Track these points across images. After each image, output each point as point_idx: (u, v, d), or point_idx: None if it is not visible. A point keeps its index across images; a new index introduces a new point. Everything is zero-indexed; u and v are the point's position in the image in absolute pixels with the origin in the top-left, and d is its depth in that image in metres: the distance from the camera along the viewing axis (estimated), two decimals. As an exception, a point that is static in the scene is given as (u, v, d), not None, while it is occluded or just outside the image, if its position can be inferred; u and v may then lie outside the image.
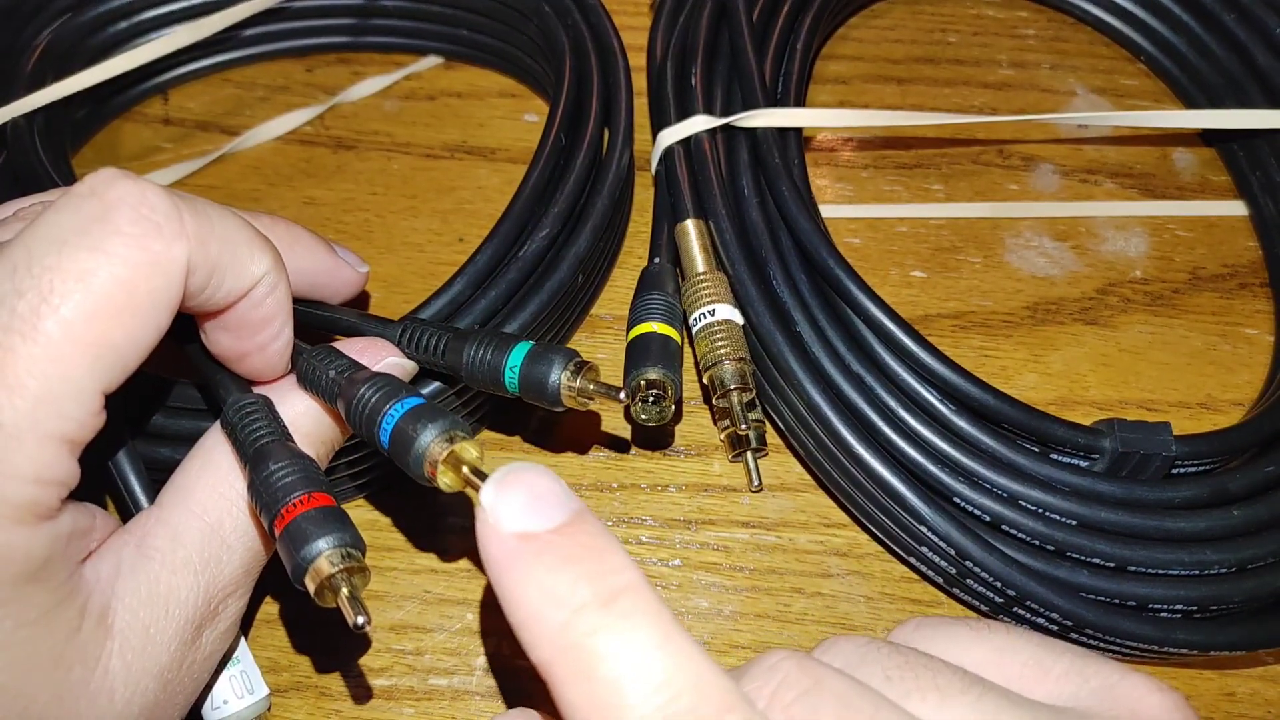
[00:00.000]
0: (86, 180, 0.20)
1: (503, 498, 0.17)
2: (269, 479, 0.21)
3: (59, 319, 0.18)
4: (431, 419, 0.21)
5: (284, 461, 0.21)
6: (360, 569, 0.20)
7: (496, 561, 0.16)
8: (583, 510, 0.17)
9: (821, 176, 0.43)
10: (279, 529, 0.20)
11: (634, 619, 0.16)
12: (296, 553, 0.20)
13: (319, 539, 0.20)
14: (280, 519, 0.20)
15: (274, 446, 0.22)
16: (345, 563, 0.20)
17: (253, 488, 0.21)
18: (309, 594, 0.20)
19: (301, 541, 0.20)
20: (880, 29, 0.49)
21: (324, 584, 0.19)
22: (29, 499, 0.19)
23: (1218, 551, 0.29)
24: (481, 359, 0.25)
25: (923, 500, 0.29)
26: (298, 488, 0.21)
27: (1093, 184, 0.43)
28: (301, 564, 0.20)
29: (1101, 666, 0.18)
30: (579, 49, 0.39)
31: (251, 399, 0.24)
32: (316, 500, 0.20)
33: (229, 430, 0.23)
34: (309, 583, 0.20)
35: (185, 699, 0.23)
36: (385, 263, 0.39)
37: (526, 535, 0.16)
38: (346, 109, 0.44)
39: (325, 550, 0.20)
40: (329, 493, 0.21)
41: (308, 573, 0.20)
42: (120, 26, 0.42)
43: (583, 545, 0.16)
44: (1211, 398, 0.37)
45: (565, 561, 0.16)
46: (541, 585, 0.16)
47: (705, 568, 0.32)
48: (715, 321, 0.32)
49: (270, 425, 0.23)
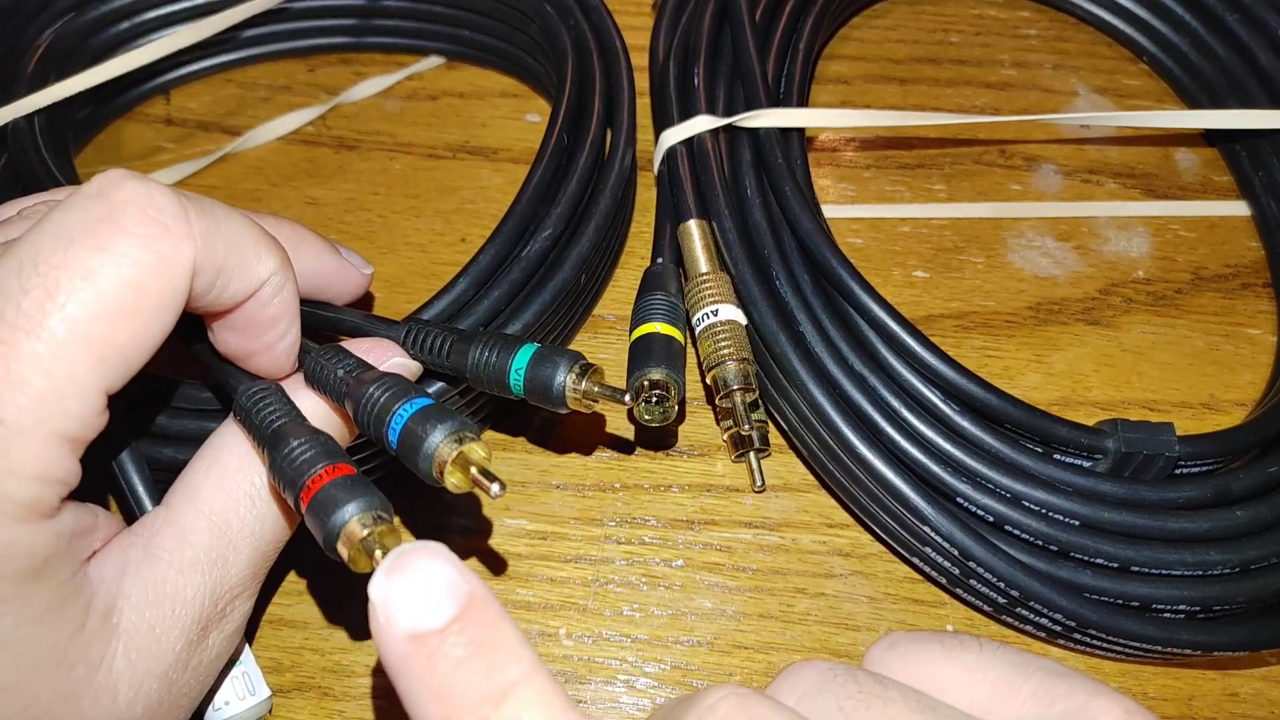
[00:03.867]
0: (94, 180, 0.20)
1: (392, 593, 0.17)
2: (289, 456, 0.21)
3: (64, 317, 0.18)
4: (440, 420, 0.21)
5: (302, 438, 0.21)
6: (392, 531, 0.20)
7: (391, 665, 0.17)
8: (474, 596, 0.17)
9: (824, 177, 0.43)
10: (305, 502, 0.20)
11: (525, 715, 0.16)
12: (327, 520, 0.19)
13: (347, 504, 0.20)
14: (306, 491, 0.20)
15: (290, 426, 0.22)
16: (376, 525, 0.19)
17: (274, 467, 0.21)
18: (343, 562, 0.19)
19: (331, 508, 0.20)
20: (882, 29, 0.49)
21: (356, 548, 0.19)
22: (30, 497, 0.19)
23: (1221, 552, 0.29)
24: (486, 361, 0.25)
25: (926, 500, 0.29)
26: (319, 460, 0.21)
27: (1095, 184, 0.43)
28: (333, 530, 0.19)
29: (1072, 686, 0.18)
30: (581, 49, 0.39)
31: (262, 384, 0.24)
32: (340, 470, 0.20)
33: (243, 417, 0.23)
34: (342, 549, 0.19)
35: (190, 700, 0.23)
36: (388, 263, 0.39)
37: (417, 637, 0.16)
38: (348, 109, 0.44)
39: (355, 514, 0.19)
40: (350, 463, 0.21)
41: (340, 538, 0.19)
42: (122, 27, 0.42)
43: (472, 641, 0.16)
44: (1214, 398, 0.37)
45: (455, 664, 0.16)
46: (435, 691, 0.16)
47: (708, 568, 0.32)
48: (718, 322, 0.32)
49: (284, 406, 0.23)
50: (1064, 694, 0.17)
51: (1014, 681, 0.18)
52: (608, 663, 0.31)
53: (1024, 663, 0.18)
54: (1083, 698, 0.17)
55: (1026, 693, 0.18)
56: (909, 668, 0.19)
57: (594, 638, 0.31)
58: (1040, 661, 0.18)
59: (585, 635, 0.31)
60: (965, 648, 0.19)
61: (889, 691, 0.17)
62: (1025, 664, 0.18)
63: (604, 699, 0.30)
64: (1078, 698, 0.17)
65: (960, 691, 0.18)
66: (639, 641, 0.31)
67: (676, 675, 0.30)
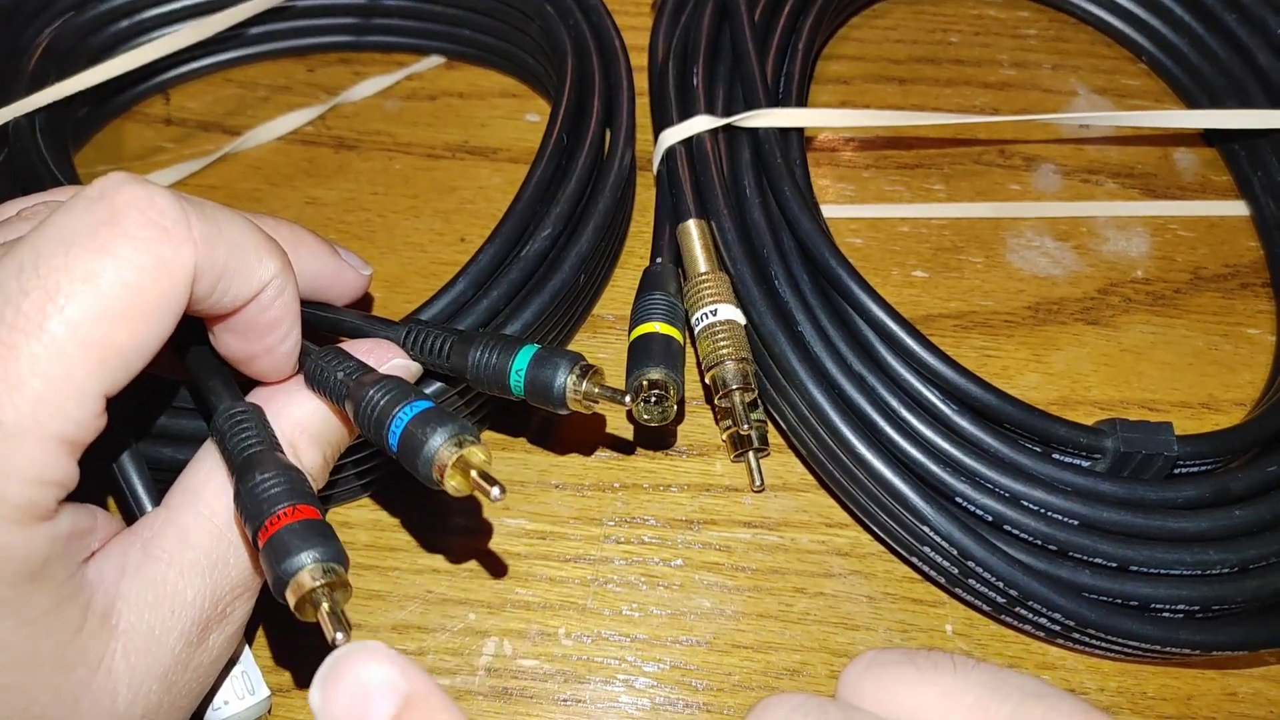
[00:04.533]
0: (96, 183, 0.20)
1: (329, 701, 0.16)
2: (255, 489, 0.21)
3: (64, 319, 0.18)
4: (441, 423, 0.21)
5: (271, 472, 0.21)
6: (343, 584, 0.20)
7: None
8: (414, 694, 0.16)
9: (823, 176, 0.43)
10: (262, 541, 0.20)
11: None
12: (278, 566, 0.19)
13: (301, 552, 0.19)
14: (264, 530, 0.20)
15: (262, 456, 0.22)
16: (327, 577, 0.19)
17: (239, 497, 0.21)
18: (289, 608, 0.19)
19: (284, 554, 0.19)
20: (882, 29, 0.49)
21: (305, 598, 0.19)
22: (27, 499, 0.19)
23: (1220, 551, 0.29)
24: (487, 362, 0.25)
25: (925, 500, 0.29)
26: (283, 499, 0.20)
27: (1094, 184, 0.43)
28: (283, 577, 0.19)
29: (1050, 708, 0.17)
30: (581, 49, 0.39)
31: (242, 408, 0.23)
32: (301, 513, 0.20)
33: (218, 438, 0.23)
34: (290, 596, 0.19)
35: (190, 701, 0.23)
36: (387, 263, 0.39)
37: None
38: (348, 109, 0.44)
39: (307, 564, 0.19)
40: (315, 505, 0.21)
41: (289, 586, 0.19)
42: (122, 26, 0.42)
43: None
44: (1213, 397, 0.37)
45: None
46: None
47: (707, 567, 0.32)
48: (717, 321, 0.32)
49: (259, 434, 0.23)
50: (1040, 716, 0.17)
51: (989, 705, 0.17)
52: (607, 662, 0.31)
53: (1000, 683, 0.18)
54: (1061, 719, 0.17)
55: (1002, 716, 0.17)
56: (883, 691, 0.18)
57: (593, 637, 0.31)
58: (1018, 681, 0.18)
59: (585, 635, 0.31)
60: (939, 669, 0.18)
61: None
62: (1001, 685, 0.18)
63: (603, 698, 0.30)
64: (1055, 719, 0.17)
65: (934, 716, 0.18)
66: (638, 641, 0.31)
67: (676, 675, 0.30)
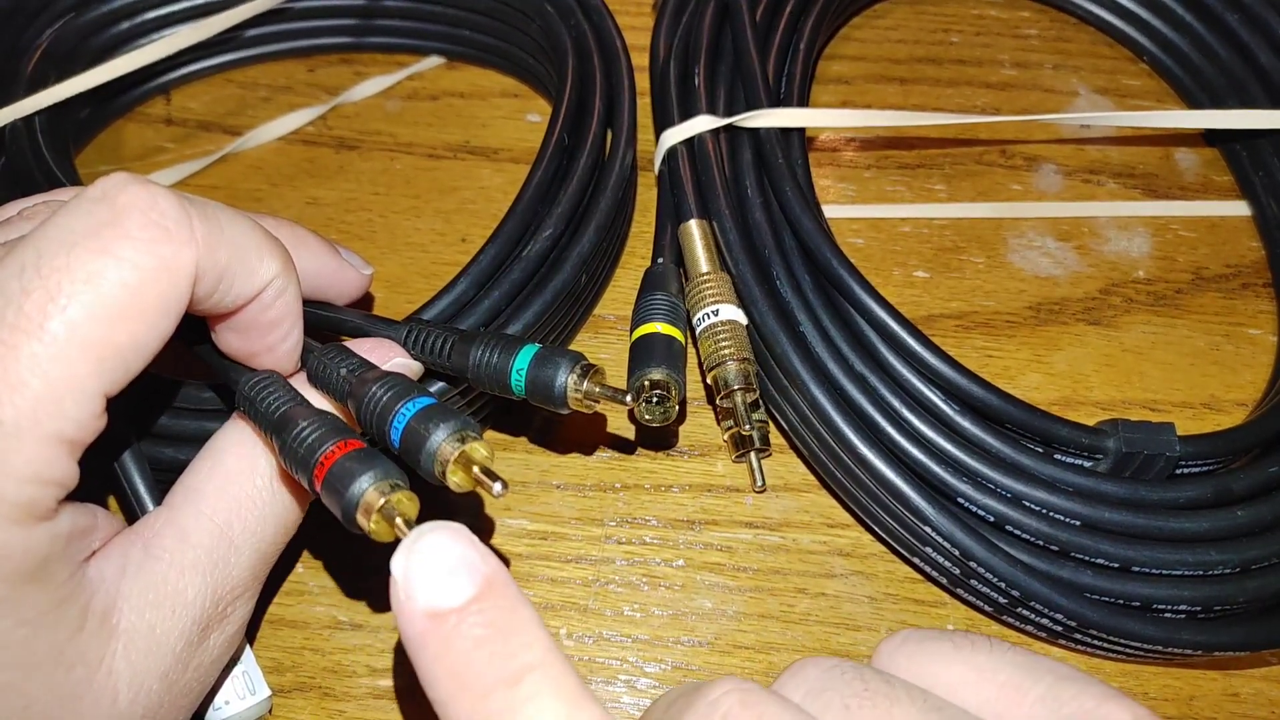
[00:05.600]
0: (98, 184, 0.20)
1: (413, 570, 0.17)
2: (298, 437, 0.21)
3: (65, 319, 0.18)
4: (443, 419, 0.21)
5: (309, 420, 0.21)
6: (409, 498, 0.20)
7: (409, 640, 0.17)
8: (493, 577, 0.17)
9: (824, 177, 0.43)
10: (320, 479, 0.20)
11: (539, 700, 0.16)
12: (344, 493, 0.20)
13: (362, 475, 0.20)
14: (320, 467, 0.20)
15: (295, 409, 0.22)
16: (393, 492, 0.20)
17: (284, 450, 0.21)
18: (364, 533, 0.20)
19: (346, 481, 0.20)
20: (883, 29, 0.49)
21: (377, 516, 0.19)
22: (26, 499, 0.19)
23: (1221, 552, 0.29)
24: (488, 361, 0.26)
25: (926, 500, 0.29)
26: (329, 438, 0.21)
27: (1095, 184, 0.43)
28: (351, 502, 0.20)
29: (1081, 690, 0.17)
30: (582, 49, 0.39)
31: (264, 374, 0.24)
32: (350, 445, 0.21)
33: (247, 407, 0.23)
34: (361, 520, 0.20)
35: (190, 701, 0.23)
36: (388, 263, 0.39)
37: (435, 614, 0.17)
38: (349, 109, 0.44)
39: (370, 484, 0.20)
40: (359, 438, 0.21)
41: (359, 508, 0.20)
42: (122, 27, 0.42)
43: (490, 623, 0.16)
44: (1215, 398, 0.37)
45: (473, 645, 0.16)
46: (451, 669, 0.16)
47: (709, 568, 0.32)
48: (719, 322, 0.32)
49: (287, 393, 0.23)
50: (1072, 698, 0.17)
51: (1023, 684, 0.18)
52: (608, 663, 0.31)
53: (1033, 665, 0.18)
54: (1091, 703, 0.17)
55: (1035, 696, 0.18)
56: (917, 666, 0.19)
57: (595, 638, 0.31)
58: (1050, 664, 0.18)
59: (586, 635, 0.31)
60: (975, 648, 0.19)
61: (895, 690, 0.17)
62: (1035, 667, 0.18)
63: (605, 699, 0.30)
64: (1086, 702, 0.17)
65: (968, 691, 0.18)
66: (640, 641, 0.31)
67: (677, 675, 0.30)
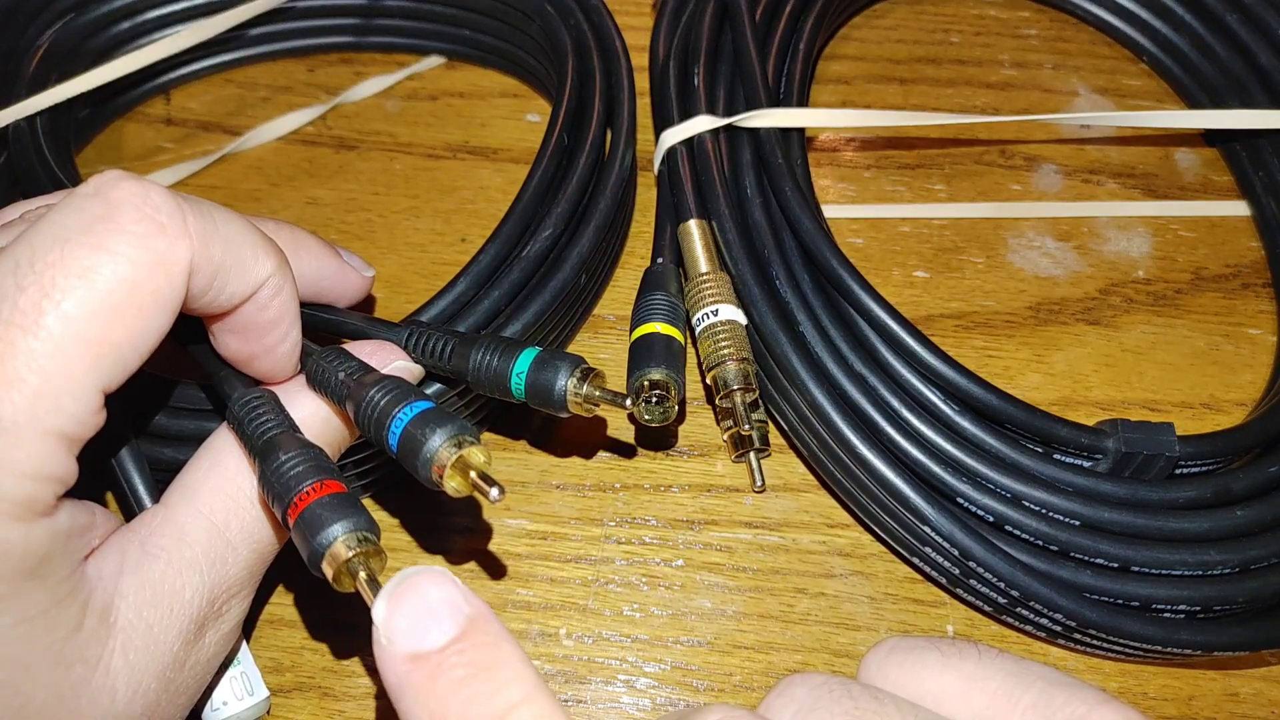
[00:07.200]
0: (91, 181, 0.20)
1: (394, 615, 0.17)
2: (280, 469, 0.21)
3: (60, 315, 0.18)
4: (440, 423, 0.21)
5: (293, 451, 0.21)
6: (377, 552, 0.20)
7: (391, 686, 0.17)
8: (476, 616, 0.17)
9: (824, 176, 0.43)
10: (293, 517, 0.20)
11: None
12: (312, 539, 0.20)
13: (333, 524, 0.20)
14: (294, 507, 0.20)
15: (282, 438, 0.22)
16: (361, 546, 0.20)
17: (264, 479, 0.21)
18: (327, 580, 0.20)
19: (317, 528, 0.20)
20: (883, 29, 0.49)
21: (341, 568, 0.19)
22: (25, 495, 0.18)
23: (1221, 552, 0.29)
24: (488, 365, 0.25)
25: (926, 500, 0.29)
26: (309, 476, 0.21)
27: (1095, 184, 0.43)
28: (318, 550, 0.20)
29: (1072, 696, 0.17)
30: (581, 49, 0.39)
31: (256, 393, 0.24)
32: (329, 487, 0.20)
33: (235, 425, 0.23)
34: (326, 568, 0.20)
35: (187, 699, 0.23)
36: (388, 263, 0.39)
37: (417, 657, 0.16)
38: (349, 109, 0.44)
39: (340, 535, 0.20)
40: (340, 480, 0.21)
41: (324, 558, 0.20)
42: (122, 27, 0.42)
43: (473, 663, 0.16)
44: (1214, 398, 0.37)
45: (455, 686, 0.16)
46: (433, 712, 0.16)
47: (708, 568, 0.32)
48: (718, 322, 0.32)
49: (277, 417, 0.23)
50: (1064, 704, 0.17)
51: (1013, 692, 0.18)
52: (608, 663, 0.31)
53: (1023, 672, 0.18)
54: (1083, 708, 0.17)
55: (1026, 704, 0.17)
56: (905, 676, 0.19)
57: (594, 638, 0.31)
58: (1040, 670, 0.18)
59: (585, 635, 0.31)
60: (964, 656, 0.18)
61: (884, 706, 0.17)
62: (1024, 673, 0.18)
63: (604, 699, 0.30)
64: (1078, 708, 0.17)
65: (958, 701, 0.18)
66: (639, 641, 0.31)
67: (677, 675, 0.30)
